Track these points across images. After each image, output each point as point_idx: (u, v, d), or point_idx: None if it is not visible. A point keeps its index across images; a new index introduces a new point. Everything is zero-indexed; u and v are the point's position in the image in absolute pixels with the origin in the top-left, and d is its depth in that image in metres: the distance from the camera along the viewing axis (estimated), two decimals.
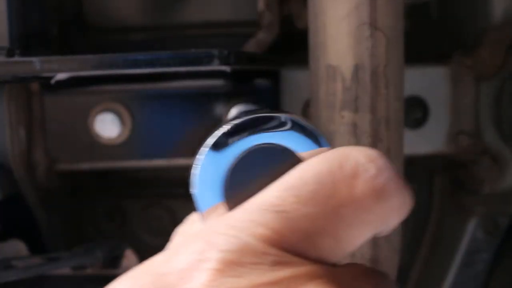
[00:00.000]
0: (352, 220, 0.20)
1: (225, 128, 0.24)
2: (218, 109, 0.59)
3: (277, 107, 0.60)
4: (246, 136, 0.24)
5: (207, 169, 0.24)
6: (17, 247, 0.61)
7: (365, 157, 0.21)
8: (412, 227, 0.75)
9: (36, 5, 0.58)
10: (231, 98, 0.59)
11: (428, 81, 0.62)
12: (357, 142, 0.44)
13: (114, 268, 0.58)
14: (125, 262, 0.58)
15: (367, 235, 0.21)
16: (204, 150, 0.24)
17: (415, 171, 0.72)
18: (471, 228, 0.67)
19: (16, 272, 0.52)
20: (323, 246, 0.20)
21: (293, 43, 0.62)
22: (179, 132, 0.59)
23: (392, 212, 0.21)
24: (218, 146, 0.24)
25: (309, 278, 0.19)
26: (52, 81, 0.51)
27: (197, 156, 0.24)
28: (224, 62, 0.46)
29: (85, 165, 0.61)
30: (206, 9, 0.68)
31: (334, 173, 0.21)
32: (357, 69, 0.43)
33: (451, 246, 0.69)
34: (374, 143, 0.44)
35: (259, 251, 0.19)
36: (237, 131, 0.24)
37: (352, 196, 0.20)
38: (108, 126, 0.58)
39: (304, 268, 0.19)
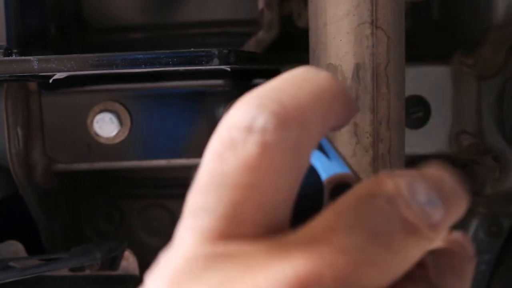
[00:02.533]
0: (255, 182, 0.19)
1: None
2: (218, 108, 0.58)
3: None
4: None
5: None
6: (15, 248, 0.60)
7: (235, 120, 0.20)
8: None
9: (35, 4, 0.58)
10: (231, 98, 0.58)
11: (430, 81, 0.61)
12: (358, 142, 0.44)
13: (113, 269, 0.57)
14: (123, 263, 0.58)
15: (288, 180, 0.20)
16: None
17: None
18: (472, 229, 0.67)
19: (14, 273, 0.52)
20: (247, 220, 0.19)
21: (294, 42, 0.61)
22: (178, 132, 0.59)
23: (294, 146, 0.20)
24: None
25: (250, 271, 0.18)
26: (51, 81, 0.50)
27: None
28: (224, 61, 0.46)
29: (84, 165, 0.60)
30: (206, 8, 0.68)
31: (220, 154, 0.20)
32: (358, 68, 0.43)
33: None
34: (375, 143, 0.44)
35: (189, 259, 0.19)
36: None
37: (240, 162, 0.19)
38: (106, 126, 0.57)
39: (239, 264, 0.18)
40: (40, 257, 0.57)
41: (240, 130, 0.20)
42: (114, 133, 0.58)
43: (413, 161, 0.69)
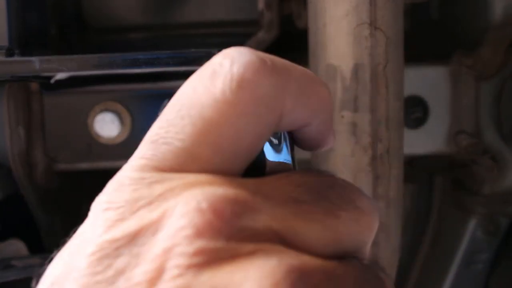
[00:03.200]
0: (221, 120, 0.18)
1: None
2: None
3: None
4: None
5: None
6: (16, 246, 0.61)
7: (221, 55, 0.20)
8: (412, 227, 0.75)
9: (36, 5, 0.58)
10: None
11: (428, 81, 0.62)
12: (357, 142, 0.44)
13: None
14: None
15: (252, 133, 0.19)
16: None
17: (415, 171, 0.72)
18: (471, 228, 0.67)
19: (15, 271, 0.52)
20: (202, 158, 0.18)
21: (293, 42, 0.62)
22: None
23: (268, 98, 0.19)
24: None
25: (188, 186, 0.18)
26: (52, 81, 0.51)
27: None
28: None
29: (85, 165, 0.60)
30: (206, 8, 0.68)
31: (194, 84, 0.20)
32: (356, 68, 0.43)
33: (451, 246, 0.69)
34: (374, 143, 0.44)
35: (135, 179, 0.19)
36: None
37: (212, 94, 0.19)
38: (107, 126, 0.58)
39: (182, 180, 0.18)
40: (42, 256, 0.58)
41: (222, 64, 0.19)
42: (115, 133, 0.58)
43: (412, 161, 0.69)
